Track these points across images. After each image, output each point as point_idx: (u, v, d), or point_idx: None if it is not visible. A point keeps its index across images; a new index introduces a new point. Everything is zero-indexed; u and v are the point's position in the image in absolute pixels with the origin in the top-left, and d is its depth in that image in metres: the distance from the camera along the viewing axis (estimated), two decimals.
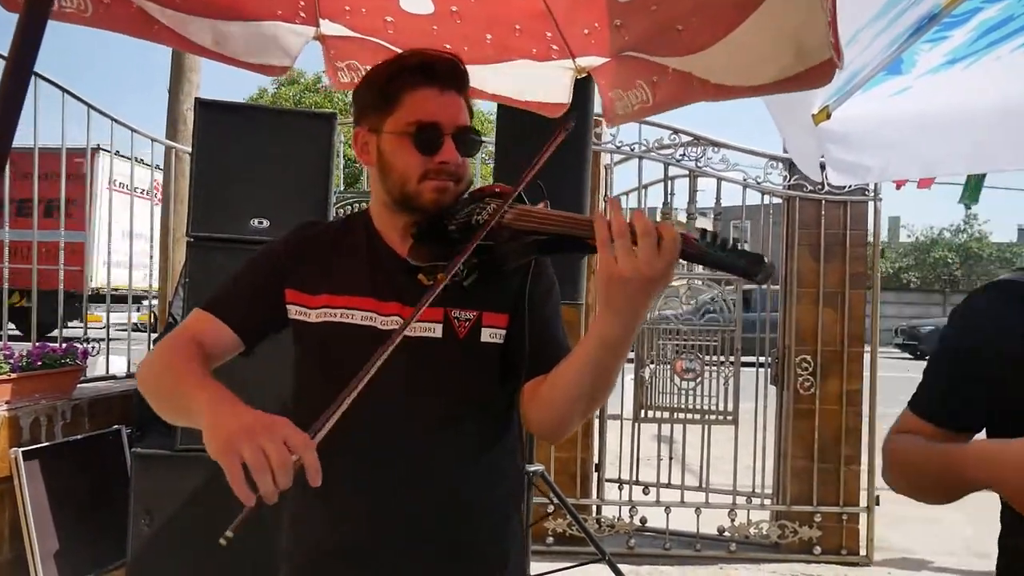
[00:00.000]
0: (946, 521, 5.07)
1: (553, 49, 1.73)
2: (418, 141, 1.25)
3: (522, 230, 1.17)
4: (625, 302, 1.04)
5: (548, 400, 1.23)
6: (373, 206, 1.38)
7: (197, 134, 3.11)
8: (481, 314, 1.30)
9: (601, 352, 1.11)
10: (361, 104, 1.33)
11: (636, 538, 4.17)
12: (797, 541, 4.13)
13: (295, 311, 1.32)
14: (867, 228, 4.14)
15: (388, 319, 1.28)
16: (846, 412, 4.11)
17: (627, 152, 4.13)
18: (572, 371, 1.17)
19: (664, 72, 1.33)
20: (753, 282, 0.99)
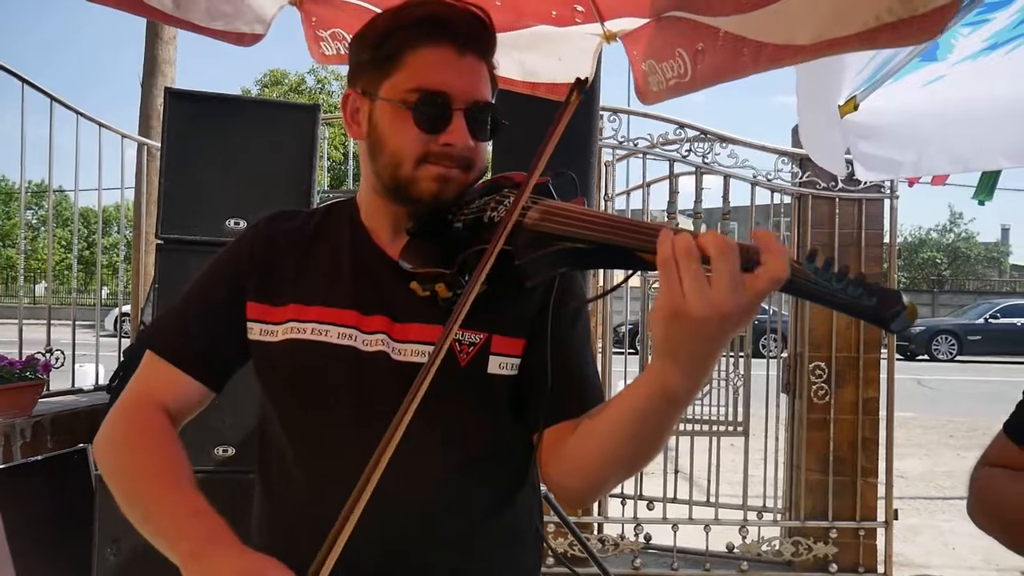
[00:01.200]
0: (961, 534, 4.88)
1: (577, 11, 1.46)
2: (419, 114, 0.98)
3: (551, 234, 0.88)
4: (693, 345, 0.76)
5: (578, 459, 0.96)
6: (362, 193, 1.12)
7: (167, 127, 2.87)
8: (490, 337, 1.02)
9: (657, 406, 0.84)
10: (355, 59, 1.06)
11: (642, 557, 3.94)
12: (812, 558, 3.91)
13: (258, 330, 1.07)
14: (883, 227, 3.93)
15: (372, 337, 1.02)
16: (862, 421, 3.89)
17: (630, 148, 3.89)
18: (614, 426, 0.90)
19: (714, 37, 1.08)
20: (886, 329, 0.69)
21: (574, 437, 0.97)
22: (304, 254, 1.08)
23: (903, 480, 5.80)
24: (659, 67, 1.36)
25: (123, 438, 1.02)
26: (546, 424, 1.01)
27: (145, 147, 4.29)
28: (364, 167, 1.08)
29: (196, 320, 1.09)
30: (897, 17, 0.76)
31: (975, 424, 8.82)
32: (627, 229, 0.82)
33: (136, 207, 4.42)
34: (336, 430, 1.00)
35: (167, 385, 1.07)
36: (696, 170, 3.88)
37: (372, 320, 1.02)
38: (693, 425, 4.05)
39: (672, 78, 1.33)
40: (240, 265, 1.09)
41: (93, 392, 3.60)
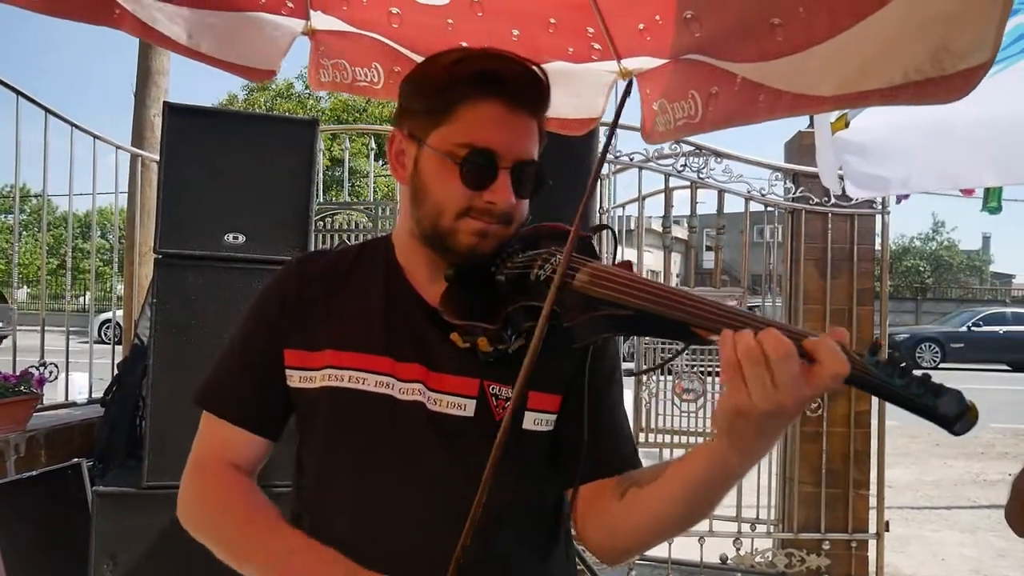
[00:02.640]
0: (949, 543, 4.94)
1: (594, 48, 1.47)
2: (466, 170, 0.98)
3: (601, 299, 0.88)
4: (755, 434, 0.80)
5: (625, 523, 0.98)
6: (399, 233, 1.11)
7: (165, 141, 2.85)
8: (527, 393, 1.01)
9: (715, 481, 0.88)
10: (406, 101, 1.06)
11: (636, 568, 3.95)
12: (805, 570, 3.94)
13: (297, 378, 1.06)
14: (875, 242, 3.97)
15: (408, 386, 1.02)
16: (855, 434, 3.93)
17: (626, 162, 3.92)
18: (667, 496, 0.93)
19: (731, 82, 1.08)
20: (950, 431, 0.71)
21: (622, 504, 0.98)
22: (338, 295, 1.08)
23: (891, 490, 5.82)
24: (670, 107, 1.37)
25: (210, 505, 1.06)
26: (582, 481, 1.03)
27: (139, 158, 4.27)
28: (404, 209, 1.09)
29: (243, 374, 1.10)
30: (925, 76, 0.77)
31: None
32: (680, 304, 0.83)
33: (129, 218, 4.39)
34: (376, 475, 1.01)
35: (229, 445, 1.09)
36: (691, 184, 3.92)
37: (408, 368, 1.02)
38: (687, 437, 4.08)
39: (681, 118, 1.34)
40: (273, 312, 1.09)
41: (87, 405, 3.57)
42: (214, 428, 1.10)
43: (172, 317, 2.78)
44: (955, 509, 5.75)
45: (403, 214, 1.09)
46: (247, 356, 1.10)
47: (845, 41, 0.86)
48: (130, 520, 2.67)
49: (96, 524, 2.67)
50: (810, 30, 0.88)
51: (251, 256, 2.83)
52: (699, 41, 1.17)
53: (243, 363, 1.10)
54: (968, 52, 0.75)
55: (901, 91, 0.81)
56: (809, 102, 0.90)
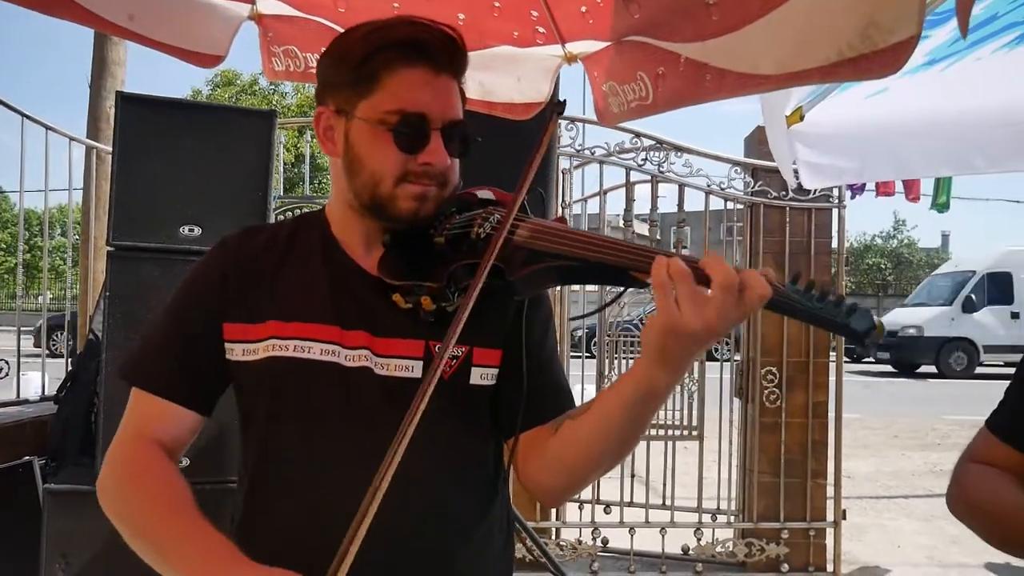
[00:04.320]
0: (905, 531, 5.04)
1: (539, 32, 1.48)
2: (399, 135, 1.01)
3: (544, 251, 0.94)
4: (682, 353, 0.87)
5: (562, 459, 1.02)
6: (332, 206, 1.12)
7: (118, 132, 2.80)
8: (471, 350, 1.05)
9: (642, 405, 0.93)
10: (328, 77, 1.07)
11: (599, 561, 3.97)
12: (764, 559, 3.99)
13: (239, 351, 1.05)
14: (831, 236, 4.04)
15: (354, 352, 1.03)
16: (812, 424, 3.99)
17: (587, 156, 3.94)
18: (599, 424, 0.97)
19: (675, 62, 1.10)
20: (861, 345, 0.80)
21: (557, 438, 1.03)
22: (278, 269, 1.08)
23: (850, 480, 5.95)
24: (620, 89, 1.38)
25: (122, 481, 1.03)
26: (523, 428, 1.06)
27: (94, 151, 4.18)
28: (337, 183, 1.09)
29: (174, 347, 1.07)
30: (857, 52, 0.79)
31: (918, 424, 9.11)
32: (619, 250, 0.90)
33: (84, 212, 4.30)
34: (327, 444, 1.01)
35: (158, 419, 1.06)
36: (652, 178, 3.95)
37: (354, 335, 1.03)
38: (649, 430, 4.11)
39: (633, 100, 1.35)
40: (211, 286, 1.07)
41: (40, 403, 3.49)
42: (140, 403, 1.07)
43: (126, 311, 2.73)
44: (912, 498, 5.87)
45: (336, 188, 1.09)
46: (179, 328, 1.08)
47: (778, 19, 0.88)
48: (83, 519, 2.62)
49: (47, 523, 2.62)
50: (744, 8, 0.90)
51: (207, 248, 2.77)
52: (639, 22, 1.19)
53: (175, 335, 1.08)
54: (895, 27, 0.77)
55: (839, 68, 0.83)
56: (753, 81, 0.92)
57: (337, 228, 1.11)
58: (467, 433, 1.06)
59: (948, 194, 4.24)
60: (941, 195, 4.25)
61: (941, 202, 4.22)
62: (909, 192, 4.11)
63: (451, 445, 1.04)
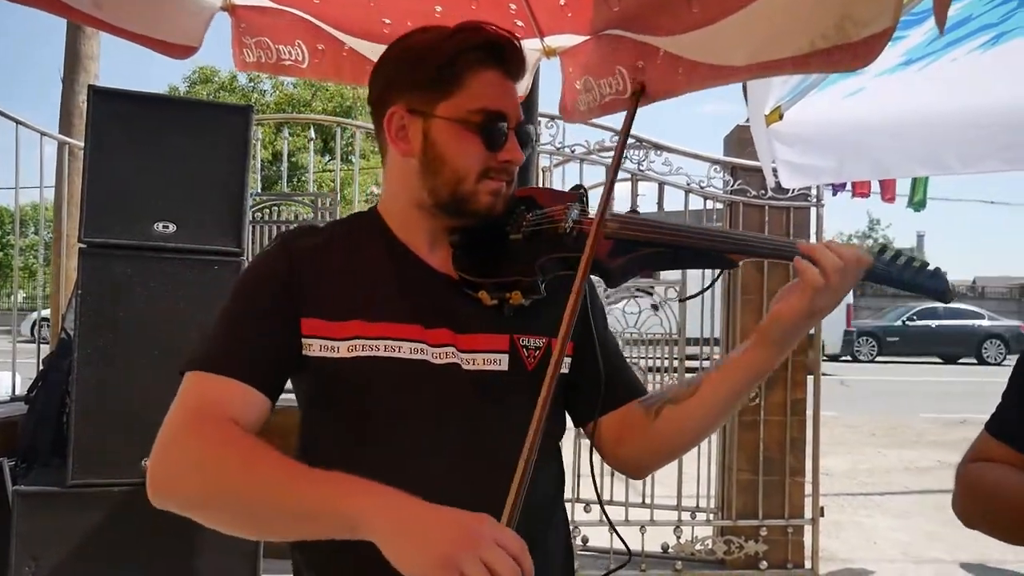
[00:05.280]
0: (881, 528, 5.09)
1: (517, 26, 1.47)
2: (485, 132, 1.06)
3: (636, 240, 1.04)
4: (798, 336, 1.00)
5: (667, 439, 1.12)
6: (391, 206, 1.15)
7: (91, 127, 2.76)
8: (550, 340, 1.10)
9: (752, 384, 1.06)
10: (401, 77, 1.09)
11: (579, 559, 3.95)
12: (743, 556, 4.01)
13: (318, 346, 1.05)
14: (809, 234, 4.06)
15: (440, 350, 1.06)
16: (790, 422, 4.02)
17: (567, 154, 3.94)
18: (710, 409, 1.08)
19: (653, 55, 1.09)
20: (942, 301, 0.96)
21: (662, 421, 1.11)
22: (348, 268, 1.08)
23: (828, 478, 5.99)
24: (596, 83, 1.37)
25: (200, 455, 0.94)
26: (607, 410, 1.14)
27: (67, 146, 4.11)
28: (403, 181, 1.11)
29: (246, 332, 1.04)
30: (831, 44, 0.79)
31: (895, 422, 9.21)
32: (703, 236, 1.04)
33: (56, 208, 4.22)
34: (420, 440, 1.03)
35: (228, 397, 0.99)
36: (631, 177, 3.95)
37: (437, 333, 1.06)
38: None
39: (610, 94, 1.34)
40: (282, 279, 1.06)
41: (10, 403, 3.43)
42: (208, 384, 1.00)
43: (98, 309, 2.69)
44: (888, 495, 5.93)
45: (400, 187, 1.12)
46: (251, 313, 1.06)
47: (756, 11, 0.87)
48: (53, 520, 2.58)
49: (16, 524, 2.58)
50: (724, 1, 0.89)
51: (182, 246, 2.75)
52: (618, 15, 1.18)
53: (249, 320, 1.05)
54: (870, 20, 0.76)
55: (811, 59, 0.83)
56: (724, 72, 0.92)
57: (399, 228, 1.13)
58: (549, 422, 1.07)
59: (924, 193, 4.29)
60: (917, 193, 4.30)
61: (917, 200, 4.26)
62: (885, 193, 4.15)
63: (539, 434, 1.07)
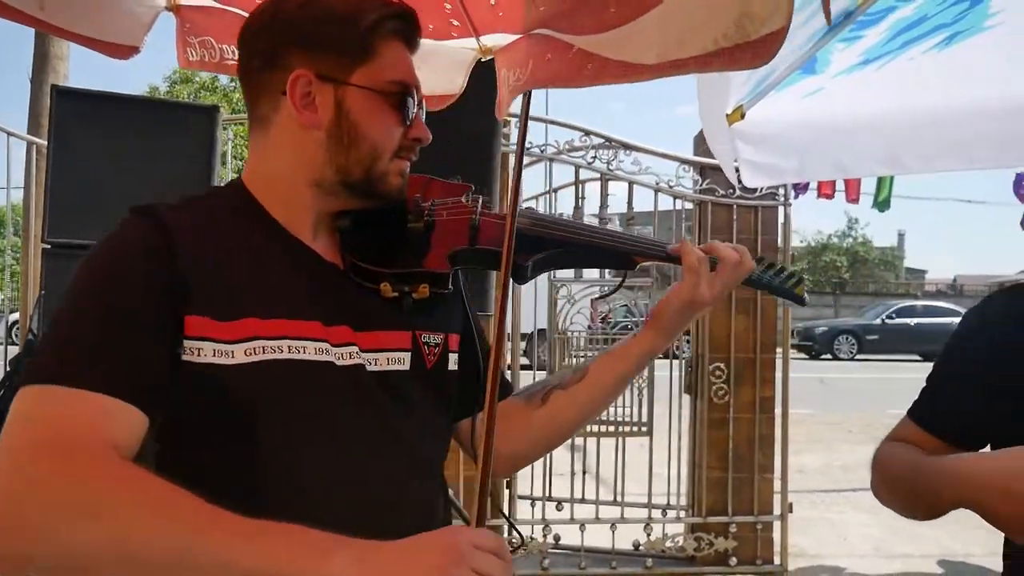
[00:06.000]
0: (852, 524, 5.15)
1: (453, 25, 1.49)
2: (401, 106, 0.97)
3: (546, 238, 1.06)
4: (685, 323, 1.11)
5: (550, 427, 1.13)
6: (274, 184, 0.98)
7: (54, 127, 2.76)
8: (447, 336, 1.05)
9: (639, 368, 1.14)
10: (309, 38, 0.95)
11: (550, 558, 3.99)
12: (713, 553, 4.05)
13: (210, 350, 0.86)
14: (777, 233, 4.11)
15: (343, 350, 0.94)
16: (759, 419, 4.06)
17: (536, 154, 3.95)
18: (597, 393, 1.12)
19: (565, 51, 1.11)
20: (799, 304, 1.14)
21: (547, 409, 1.11)
22: (229, 255, 0.91)
23: (801, 475, 6.06)
24: (509, 75, 1.38)
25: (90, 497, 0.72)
26: (482, 407, 1.06)
27: (35, 147, 4.08)
28: (304, 156, 0.97)
29: (115, 332, 0.83)
30: (732, 42, 0.81)
31: (871, 419, 9.30)
32: (612, 238, 1.10)
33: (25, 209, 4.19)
34: (327, 452, 0.92)
35: (101, 417, 0.79)
36: (601, 176, 3.98)
37: (338, 331, 0.94)
38: (599, 426, 4.14)
39: (514, 81, 1.35)
40: (160, 264, 0.86)
41: None
42: (71, 405, 0.78)
43: None
44: (859, 491, 5.98)
45: (296, 163, 0.97)
46: (121, 315, 0.84)
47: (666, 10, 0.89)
48: None
49: None
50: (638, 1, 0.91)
51: None
52: (544, 15, 1.20)
53: (117, 322, 0.83)
54: (767, 18, 0.79)
55: (714, 58, 0.84)
56: (634, 70, 0.93)
57: (279, 209, 0.97)
58: (443, 420, 1.08)
59: (889, 192, 4.35)
60: (882, 193, 4.35)
61: (882, 200, 4.31)
62: (849, 193, 4.20)
63: (437, 433, 1.06)
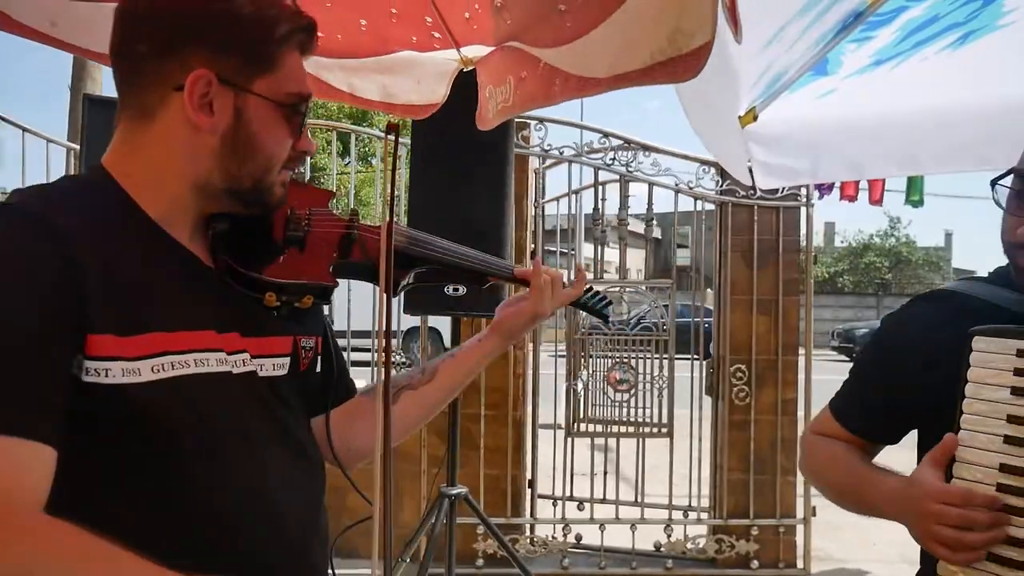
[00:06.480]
0: (883, 529, 5.05)
1: (435, 37, 1.52)
2: (294, 119, 0.96)
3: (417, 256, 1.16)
4: (525, 332, 1.29)
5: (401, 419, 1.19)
6: (154, 183, 0.92)
7: (85, 135, 2.87)
8: (318, 340, 1.08)
9: (479, 368, 1.27)
10: (213, 37, 0.91)
11: (570, 557, 4.01)
12: (734, 556, 4.03)
13: (118, 370, 0.81)
14: (800, 234, 4.07)
15: (237, 358, 0.93)
16: (781, 422, 4.03)
17: (556, 156, 3.98)
18: (446, 392, 1.25)
19: (535, 66, 1.15)
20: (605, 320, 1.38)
21: (396, 405, 1.16)
22: (119, 260, 0.85)
23: None
24: (495, 91, 1.42)
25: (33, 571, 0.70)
26: (336, 404, 1.15)
27: (72, 152, 4.24)
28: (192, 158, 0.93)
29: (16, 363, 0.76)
30: (667, 56, 0.83)
31: None
32: (484, 260, 1.24)
33: None
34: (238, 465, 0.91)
35: (17, 468, 0.74)
36: (620, 178, 3.98)
37: (229, 338, 0.94)
38: (620, 427, 4.14)
39: (501, 102, 1.40)
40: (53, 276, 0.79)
41: None
42: None
43: None
44: None
45: (182, 164, 0.93)
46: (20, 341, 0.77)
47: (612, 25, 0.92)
48: None
49: None
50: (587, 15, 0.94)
51: None
52: (511, 28, 1.23)
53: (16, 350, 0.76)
54: (695, 32, 0.81)
55: (653, 71, 0.87)
56: (589, 84, 0.96)
57: (155, 207, 0.92)
58: (307, 419, 1.09)
59: (920, 191, 4.28)
60: (914, 193, 4.28)
61: (914, 199, 4.25)
62: (873, 194, 4.14)
63: (307, 433, 1.07)
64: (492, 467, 4.01)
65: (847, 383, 1.38)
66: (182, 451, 0.86)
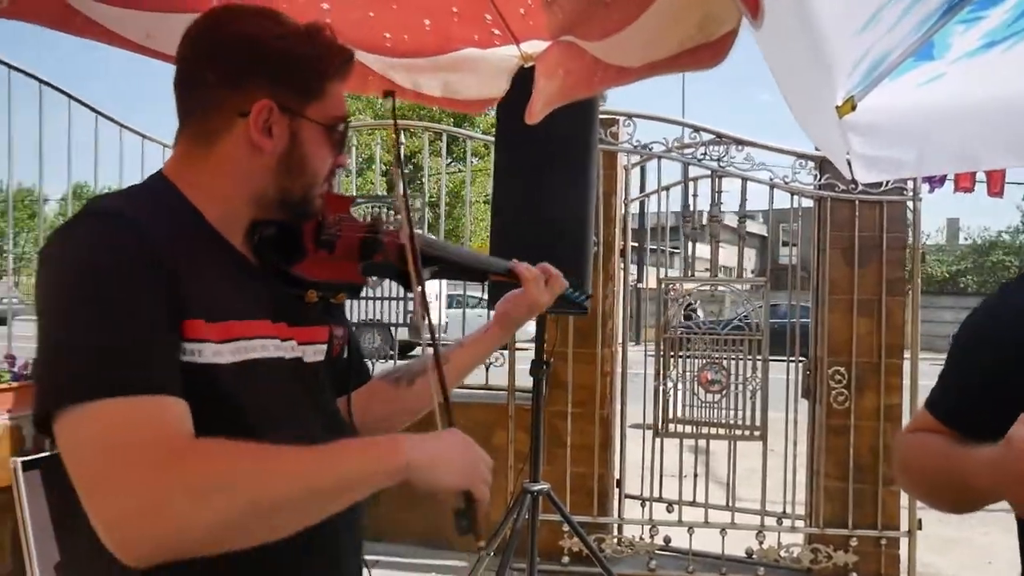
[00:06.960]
0: (1000, 547, 4.72)
1: (495, 35, 1.55)
2: (338, 140, 1.10)
3: (433, 256, 1.28)
4: (523, 322, 1.45)
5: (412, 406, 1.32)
6: (217, 197, 1.05)
7: None
8: (345, 330, 1.22)
9: (487, 356, 1.46)
10: (277, 72, 1.03)
11: (658, 559, 3.95)
12: (831, 567, 3.85)
13: (210, 351, 0.94)
14: (906, 230, 3.85)
15: (288, 344, 1.07)
16: (884, 428, 3.82)
17: (645, 152, 3.92)
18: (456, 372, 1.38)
19: (582, 59, 1.15)
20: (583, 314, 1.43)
21: (412, 390, 1.31)
22: (196, 259, 0.98)
23: None
24: (547, 85, 1.42)
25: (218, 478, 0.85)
26: (355, 387, 1.27)
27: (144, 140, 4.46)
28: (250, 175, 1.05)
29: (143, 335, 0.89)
30: (695, 43, 0.81)
31: None
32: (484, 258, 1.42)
33: None
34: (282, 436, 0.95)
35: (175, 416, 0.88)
36: (712, 173, 3.88)
37: (280, 327, 1.06)
38: (711, 428, 4.04)
39: (549, 94, 1.41)
40: (153, 268, 0.91)
41: None
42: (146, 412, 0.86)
43: None
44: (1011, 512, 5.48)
45: (241, 180, 1.05)
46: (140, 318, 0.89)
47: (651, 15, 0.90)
48: None
49: None
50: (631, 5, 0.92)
51: None
52: (563, 22, 1.23)
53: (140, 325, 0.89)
54: (724, 18, 0.78)
55: (680, 59, 0.85)
56: (624, 73, 0.95)
57: (218, 218, 1.05)
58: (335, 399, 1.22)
59: None
60: None
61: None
62: (992, 186, 3.85)
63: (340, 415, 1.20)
64: (579, 465, 3.99)
65: (942, 379, 1.30)
66: (247, 428, 0.93)
